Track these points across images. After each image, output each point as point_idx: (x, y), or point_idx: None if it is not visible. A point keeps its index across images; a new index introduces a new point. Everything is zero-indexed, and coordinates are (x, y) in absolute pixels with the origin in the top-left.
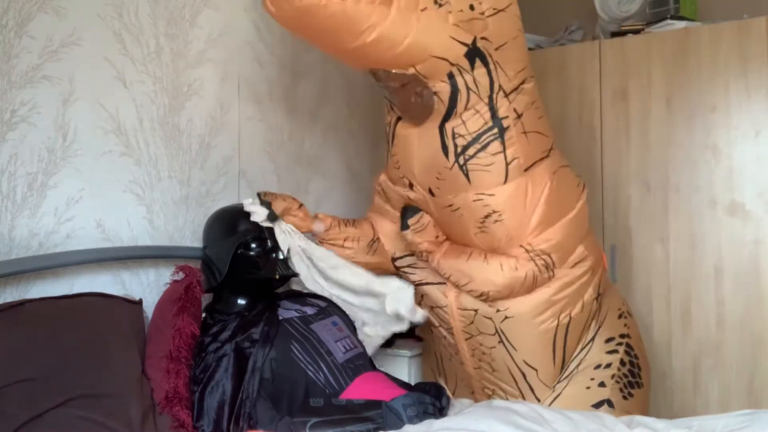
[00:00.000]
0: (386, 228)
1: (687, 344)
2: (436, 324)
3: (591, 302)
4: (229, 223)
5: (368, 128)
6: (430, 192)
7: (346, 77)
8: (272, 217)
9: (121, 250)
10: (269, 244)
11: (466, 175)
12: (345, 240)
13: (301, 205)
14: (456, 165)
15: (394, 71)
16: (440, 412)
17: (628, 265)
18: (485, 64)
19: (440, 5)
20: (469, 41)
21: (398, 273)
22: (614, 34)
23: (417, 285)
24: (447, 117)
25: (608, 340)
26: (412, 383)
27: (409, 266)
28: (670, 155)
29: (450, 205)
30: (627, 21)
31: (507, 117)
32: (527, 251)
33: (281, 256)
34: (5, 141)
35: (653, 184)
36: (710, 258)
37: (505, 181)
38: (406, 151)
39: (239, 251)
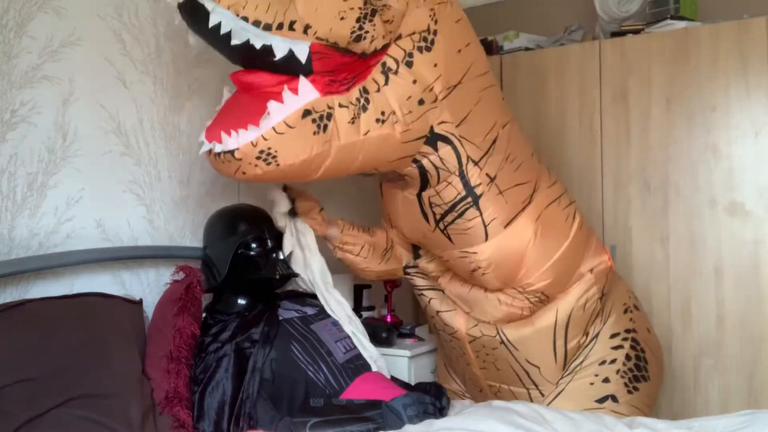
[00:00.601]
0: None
1: (687, 344)
2: (440, 328)
3: (594, 302)
4: (230, 223)
5: None
6: (420, 244)
7: None
8: (293, 212)
9: (121, 250)
10: (269, 244)
11: (448, 238)
12: (361, 248)
13: (322, 209)
14: (437, 229)
15: (361, 173)
16: (440, 412)
17: (628, 265)
18: (448, 142)
19: (383, 122)
20: (425, 132)
21: (408, 276)
22: (614, 34)
23: (423, 290)
24: (423, 188)
25: (613, 336)
26: (412, 383)
27: (417, 273)
28: (670, 155)
29: (441, 257)
30: (627, 21)
31: (480, 184)
32: (520, 291)
33: (281, 256)
34: (5, 141)
35: (653, 184)
36: (710, 258)
37: (486, 239)
38: (393, 207)
39: (239, 251)
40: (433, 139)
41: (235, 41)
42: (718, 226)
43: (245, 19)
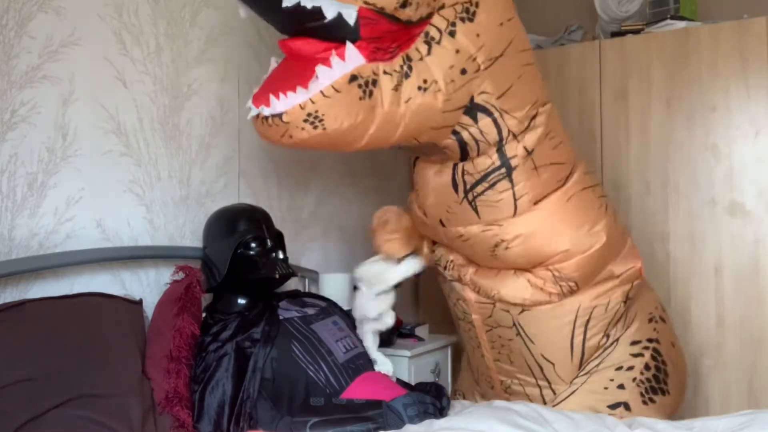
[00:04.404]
0: None
1: (687, 344)
2: (460, 317)
3: (617, 305)
4: (229, 222)
5: None
6: (441, 223)
7: None
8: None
9: (121, 250)
10: (269, 244)
11: (475, 210)
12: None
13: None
14: (465, 200)
15: (400, 147)
16: (440, 412)
17: None
18: (489, 114)
19: (425, 90)
20: (466, 102)
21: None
22: (614, 34)
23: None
24: (462, 160)
25: (634, 343)
26: (412, 383)
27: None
28: (670, 155)
29: (460, 236)
30: (627, 21)
31: (516, 156)
32: (554, 276)
33: (281, 256)
34: (5, 141)
35: (653, 184)
36: (710, 258)
37: (514, 214)
38: (423, 181)
39: (239, 251)
40: (473, 109)
41: (286, 4)
42: (718, 226)
43: None
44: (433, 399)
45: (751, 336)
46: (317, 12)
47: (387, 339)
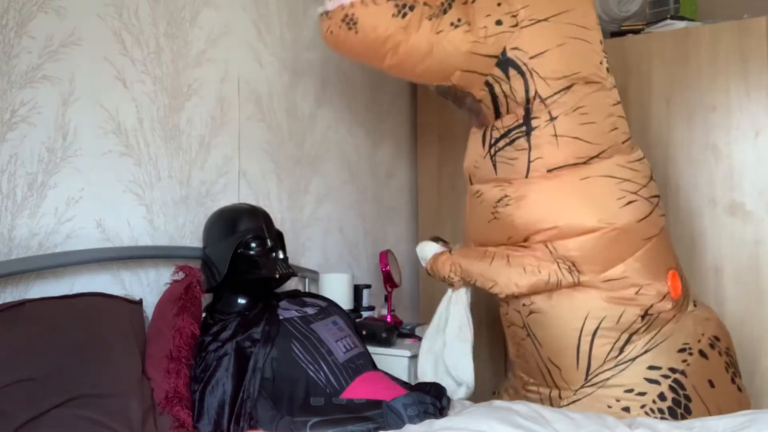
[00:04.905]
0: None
1: None
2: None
3: (632, 320)
4: (229, 222)
5: (368, 128)
6: (470, 180)
7: (346, 77)
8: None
9: (121, 250)
10: (269, 244)
11: (494, 165)
12: None
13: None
14: (488, 155)
15: (435, 86)
16: (440, 412)
17: None
18: (520, 72)
19: (456, 26)
20: (497, 53)
21: None
22: (614, 34)
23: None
24: (496, 119)
25: (652, 368)
26: (412, 383)
27: None
28: (670, 155)
29: (477, 192)
30: (627, 21)
31: (538, 118)
32: (551, 252)
33: (281, 256)
34: (5, 141)
35: None
36: (710, 258)
37: (526, 176)
38: (469, 144)
39: (239, 251)
40: (504, 63)
41: None
42: (718, 226)
43: None
44: (433, 399)
45: (751, 336)
46: None
47: (387, 339)
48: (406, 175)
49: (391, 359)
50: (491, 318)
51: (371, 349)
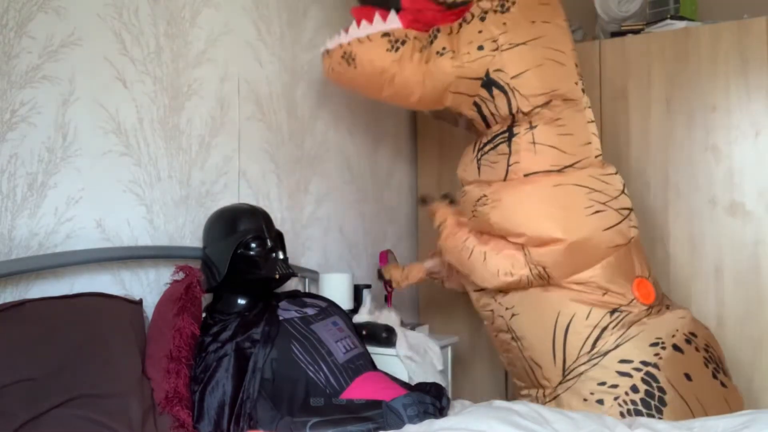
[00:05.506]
0: None
1: None
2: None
3: (600, 316)
4: (229, 222)
5: (368, 128)
6: (461, 183)
7: None
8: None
9: (121, 250)
10: (269, 244)
11: (478, 168)
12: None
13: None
14: (475, 159)
15: (430, 111)
16: (440, 412)
17: None
18: (503, 91)
19: (442, 54)
20: (481, 75)
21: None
22: (614, 34)
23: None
24: (487, 129)
25: (623, 361)
26: (412, 383)
27: None
28: (670, 155)
29: (463, 192)
30: (627, 21)
31: (519, 125)
32: (524, 255)
33: (281, 256)
34: (5, 141)
35: (653, 184)
36: (710, 258)
37: (504, 179)
38: (463, 155)
39: (239, 251)
40: (488, 83)
41: None
42: (718, 226)
43: None
44: (433, 399)
45: (751, 336)
46: None
47: (387, 339)
48: (406, 175)
49: (391, 359)
50: None
51: (371, 349)
